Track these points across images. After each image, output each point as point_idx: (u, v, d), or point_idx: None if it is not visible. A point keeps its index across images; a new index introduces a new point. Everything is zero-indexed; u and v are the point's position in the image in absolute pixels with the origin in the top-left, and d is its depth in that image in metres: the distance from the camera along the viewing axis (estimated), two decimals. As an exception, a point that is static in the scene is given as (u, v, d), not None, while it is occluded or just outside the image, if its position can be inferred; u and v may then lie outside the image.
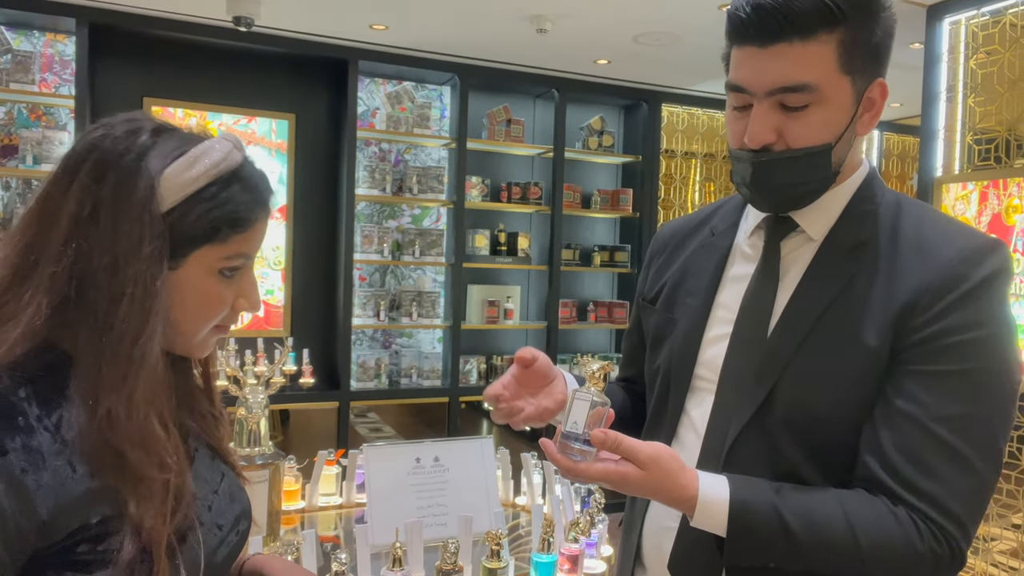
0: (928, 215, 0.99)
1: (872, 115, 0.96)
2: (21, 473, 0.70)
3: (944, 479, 0.86)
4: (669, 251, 1.19)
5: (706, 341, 1.05)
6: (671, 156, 4.99)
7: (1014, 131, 2.95)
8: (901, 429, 0.88)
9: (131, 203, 0.76)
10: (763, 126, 0.92)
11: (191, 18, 3.75)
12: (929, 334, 0.88)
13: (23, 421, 0.72)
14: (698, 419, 1.04)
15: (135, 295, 0.76)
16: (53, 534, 0.72)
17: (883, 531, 0.86)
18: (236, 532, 0.92)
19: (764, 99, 0.92)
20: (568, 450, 0.90)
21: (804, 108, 0.91)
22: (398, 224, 4.50)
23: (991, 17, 3.02)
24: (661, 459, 0.88)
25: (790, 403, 0.93)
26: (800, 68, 0.89)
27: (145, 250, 0.76)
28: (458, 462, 1.93)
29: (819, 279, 0.96)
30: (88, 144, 0.80)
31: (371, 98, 4.45)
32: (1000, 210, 2.94)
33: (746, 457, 0.96)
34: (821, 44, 0.89)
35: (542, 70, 4.47)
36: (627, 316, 4.87)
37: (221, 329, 0.89)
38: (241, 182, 0.84)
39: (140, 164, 0.78)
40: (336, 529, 2.07)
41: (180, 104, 4.01)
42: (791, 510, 0.87)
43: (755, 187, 0.97)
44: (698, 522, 0.90)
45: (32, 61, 3.64)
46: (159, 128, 0.82)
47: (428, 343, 4.65)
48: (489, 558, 1.57)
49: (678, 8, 3.40)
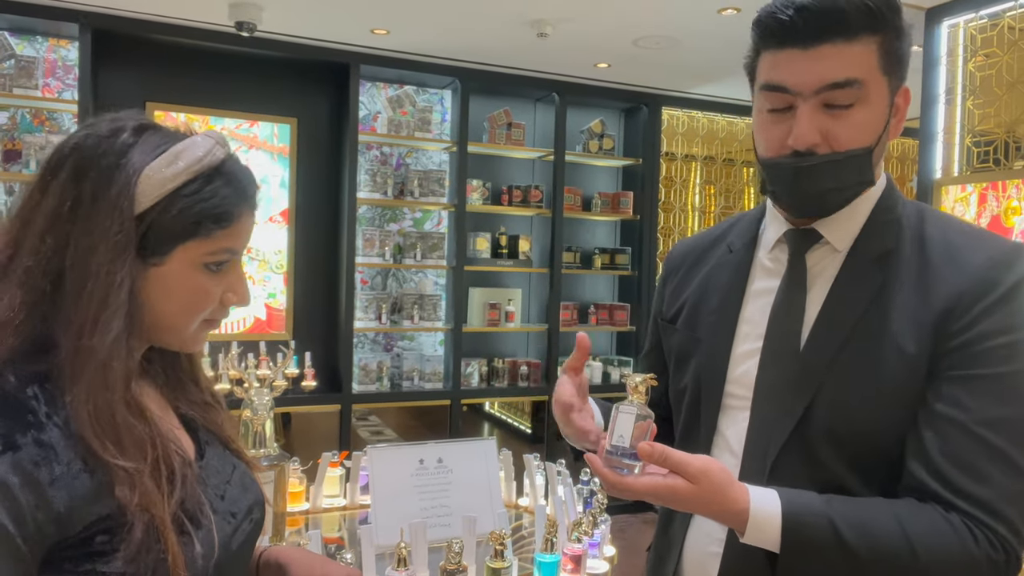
0: (952, 223, 1.00)
1: (898, 120, 0.98)
2: (34, 467, 0.72)
3: (994, 483, 0.85)
4: (685, 269, 1.18)
5: (735, 358, 1.04)
6: (671, 159, 5.00)
7: (1013, 133, 2.97)
8: (947, 435, 0.87)
9: (106, 200, 0.78)
10: (810, 126, 0.92)
11: (194, 23, 3.77)
12: (967, 339, 0.89)
13: (33, 418, 0.74)
14: (733, 438, 1.02)
15: (94, 288, 0.77)
16: (69, 527, 0.74)
17: (939, 539, 0.85)
18: (250, 520, 0.93)
19: (810, 98, 0.92)
20: (614, 464, 0.88)
21: (849, 107, 0.91)
22: (399, 227, 4.51)
23: (989, 20, 3.04)
24: (712, 472, 0.86)
25: (830, 415, 0.93)
26: (847, 66, 0.90)
27: (109, 244, 0.77)
28: (461, 463, 1.94)
29: (849, 289, 0.96)
30: (71, 144, 0.82)
31: (372, 102, 4.47)
32: (999, 212, 2.96)
33: (789, 473, 0.94)
34: (864, 45, 0.91)
35: (543, 74, 4.49)
36: (628, 318, 4.88)
37: (211, 323, 0.90)
38: (223, 177, 0.84)
39: (120, 162, 0.79)
40: (340, 530, 2.08)
41: (182, 108, 4.03)
42: (845, 521, 0.85)
43: (797, 193, 0.96)
44: (749, 538, 0.87)
45: (35, 66, 3.66)
46: (141, 126, 0.83)
47: (430, 346, 4.66)
48: (493, 558, 1.58)
49: (677, 12, 3.42)
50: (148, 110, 3.95)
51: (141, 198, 0.79)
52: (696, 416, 1.08)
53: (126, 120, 0.84)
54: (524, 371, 4.63)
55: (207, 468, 0.91)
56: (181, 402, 0.95)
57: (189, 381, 0.98)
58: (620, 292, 5.09)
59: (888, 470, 0.92)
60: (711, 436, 1.05)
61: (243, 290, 0.90)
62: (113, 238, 0.77)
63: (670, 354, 1.16)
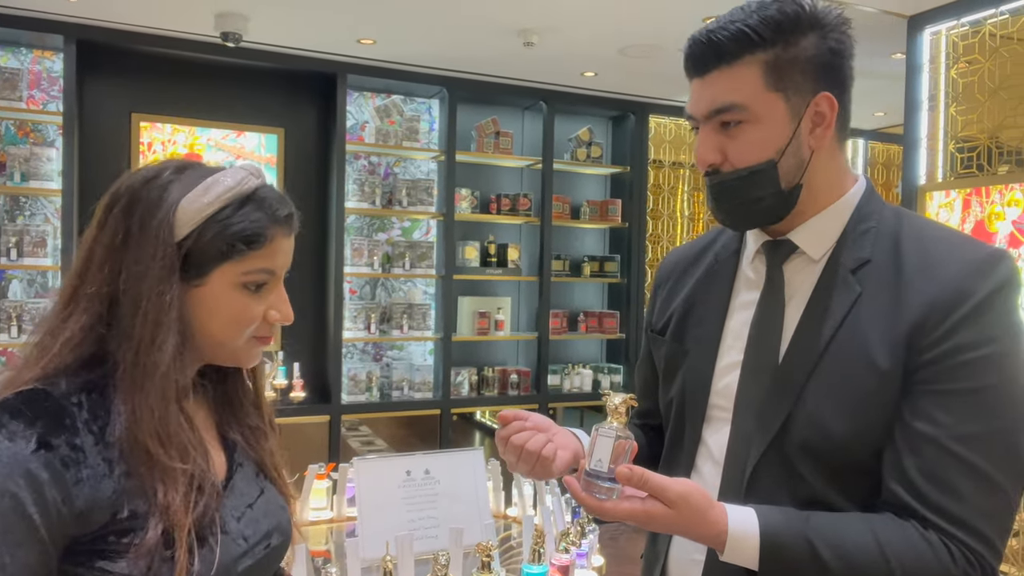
0: (930, 229, 0.98)
1: (824, 128, 0.97)
2: (63, 467, 0.80)
3: (969, 499, 0.85)
4: (674, 280, 1.19)
5: (719, 370, 1.05)
6: (659, 166, 5.02)
7: (996, 139, 2.99)
8: (923, 452, 0.87)
9: (150, 230, 0.88)
10: (705, 147, 0.98)
11: (179, 34, 3.76)
12: (941, 352, 0.88)
13: (70, 422, 0.82)
14: (715, 448, 1.03)
15: (147, 309, 0.87)
16: (87, 525, 0.82)
17: (917, 557, 0.85)
18: (266, 546, 0.97)
19: (705, 123, 0.99)
20: (593, 488, 0.88)
21: (739, 126, 0.96)
22: (388, 237, 4.51)
23: (971, 27, 3.07)
24: (690, 497, 0.86)
25: (806, 428, 0.93)
26: (727, 91, 0.95)
27: (156, 270, 0.87)
28: (449, 474, 1.93)
29: (825, 301, 0.96)
30: (125, 185, 0.92)
31: (360, 112, 4.47)
32: (983, 217, 2.98)
33: (767, 484, 0.95)
34: (746, 66, 0.94)
35: (530, 82, 4.50)
36: (617, 326, 4.89)
37: (261, 340, 0.97)
38: (255, 203, 0.92)
39: (162, 196, 0.89)
40: (327, 543, 2.06)
41: (168, 120, 4.01)
42: (823, 540, 0.86)
43: (716, 207, 1.02)
44: (728, 557, 0.88)
45: (19, 78, 3.64)
46: (183, 165, 0.93)
47: (419, 355, 4.65)
48: (480, 570, 1.57)
49: (663, 20, 3.43)
50: (134, 121, 3.94)
51: (180, 226, 0.88)
52: (682, 426, 1.08)
53: (171, 162, 0.94)
54: (514, 379, 4.62)
55: (232, 489, 0.96)
56: (229, 423, 1.03)
57: (248, 402, 1.05)
58: (609, 300, 5.10)
59: (866, 482, 0.92)
60: (696, 445, 1.06)
61: (286, 309, 0.97)
62: (158, 263, 0.87)
63: (659, 365, 1.16)
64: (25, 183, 3.63)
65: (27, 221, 3.76)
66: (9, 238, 3.60)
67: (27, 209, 3.78)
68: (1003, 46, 2.96)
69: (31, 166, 3.64)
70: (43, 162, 3.66)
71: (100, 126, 3.88)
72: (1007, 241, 2.88)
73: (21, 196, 3.74)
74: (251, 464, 1.02)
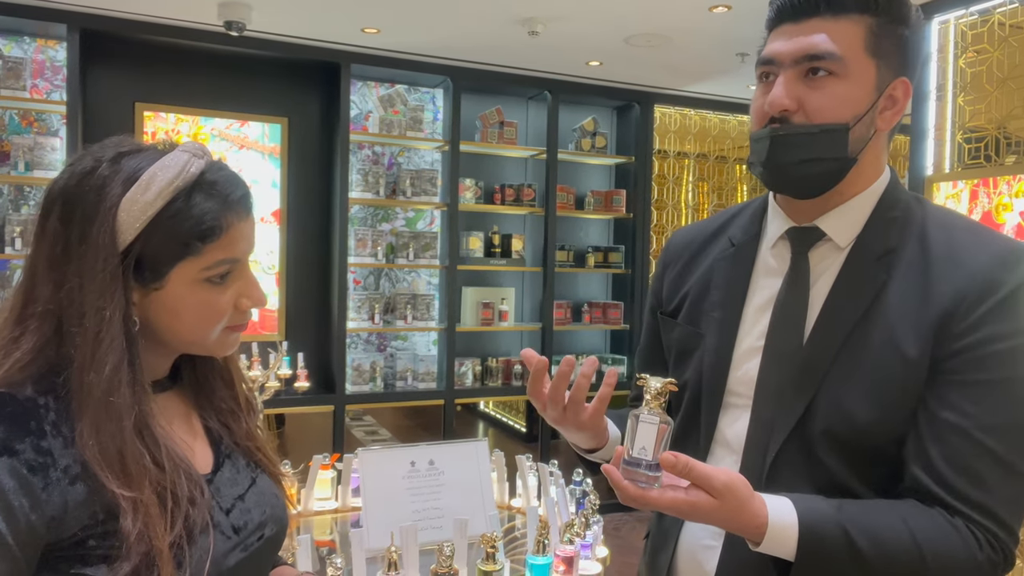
0: (957, 221, 0.99)
1: (894, 112, 0.97)
2: (30, 472, 0.74)
3: (996, 489, 0.87)
4: (684, 261, 1.16)
5: (737, 356, 1.03)
6: (664, 157, 5.00)
7: (1003, 129, 2.97)
8: (949, 441, 0.87)
9: (90, 238, 0.80)
10: (784, 90, 0.94)
11: (182, 23, 3.75)
12: (969, 343, 0.88)
13: (35, 425, 0.76)
14: (732, 437, 1.02)
15: (88, 326, 0.79)
16: (63, 530, 0.76)
17: (946, 544, 0.86)
18: (259, 537, 0.92)
19: (790, 68, 0.95)
20: (634, 476, 0.85)
21: (827, 77, 0.93)
22: (392, 227, 4.50)
23: (979, 16, 3.04)
24: (735, 486, 0.84)
25: (830, 415, 0.92)
26: (828, 39, 0.93)
27: (97, 283, 0.79)
28: (453, 465, 1.93)
29: (850, 288, 0.96)
30: (58, 187, 0.83)
31: (364, 101, 4.45)
32: (991, 208, 2.96)
33: (788, 472, 0.94)
34: (852, 23, 0.93)
35: (534, 72, 4.48)
36: (621, 316, 4.88)
37: (234, 329, 0.90)
38: (203, 190, 0.83)
39: (100, 197, 0.80)
40: (331, 533, 2.07)
41: (172, 109, 4.00)
42: (857, 529, 0.86)
43: (771, 164, 0.96)
44: (765, 548, 0.87)
45: (23, 67, 3.63)
46: (118, 155, 0.83)
47: (423, 346, 4.65)
48: (484, 561, 1.57)
49: (669, 10, 3.41)
50: (138, 111, 3.93)
51: (124, 231, 0.80)
52: (696, 413, 1.07)
53: (105, 151, 0.84)
54: (518, 370, 4.62)
55: (218, 482, 0.91)
56: (205, 409, 0.96)
57: (221, 383, 0.98)
58: (614, 290, 5.09)
59: (887, 469, 0.92)
60: (712, 433, 1.05)
61: (256, 293, 0.90)
62: (99, 275, 0.79)
63: (670, 349, 1.14)
64: (29, 173, 3.62)
65: (31, 211, 3.75)
66: (13, 228, 3.60)
67: (31, 199, 3.78)
68: (1012, 35, 2.93)
69: (35, 156, 3.64)
70: (47, 151, 3.66)
71: (104, 115, 3.87)
72: (1015, 232, 2.86)
73: (25, 186, 3.74)
74: (240, 453, 0.96)
